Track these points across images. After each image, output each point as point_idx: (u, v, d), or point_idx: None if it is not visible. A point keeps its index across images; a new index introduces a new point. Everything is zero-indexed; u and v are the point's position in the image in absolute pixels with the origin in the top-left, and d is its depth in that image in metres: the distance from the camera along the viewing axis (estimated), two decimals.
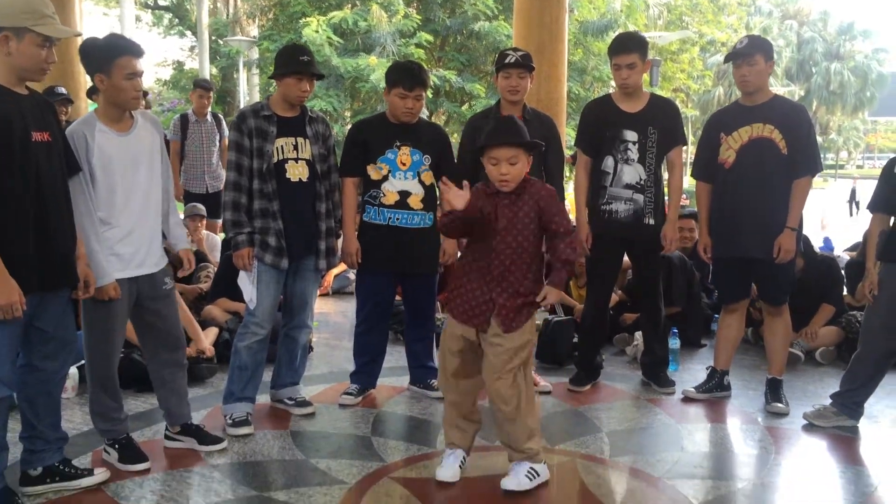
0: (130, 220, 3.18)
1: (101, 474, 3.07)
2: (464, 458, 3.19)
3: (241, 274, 3.74)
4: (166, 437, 3.51)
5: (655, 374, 4.47)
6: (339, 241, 4.15)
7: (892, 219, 3.72)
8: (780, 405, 4.07)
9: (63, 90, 6.23)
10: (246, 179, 3.66)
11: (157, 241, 3.32)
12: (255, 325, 3.73)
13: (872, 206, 3.83)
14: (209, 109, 7.06)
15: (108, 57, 3.04)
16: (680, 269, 5.37)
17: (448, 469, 3.14)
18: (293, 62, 3.67)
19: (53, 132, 2.83)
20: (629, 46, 4.11)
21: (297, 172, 3.73)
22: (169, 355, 3.42)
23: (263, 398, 4.04)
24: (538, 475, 3.06)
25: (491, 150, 2.99)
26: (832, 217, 17.53)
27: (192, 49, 23.12)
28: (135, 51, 3.09)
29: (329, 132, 3.92)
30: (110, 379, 3.24)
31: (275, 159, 3.67)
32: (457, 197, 2.91)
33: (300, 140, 3.75)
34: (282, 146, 3.70)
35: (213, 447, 3.45)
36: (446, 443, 3.21)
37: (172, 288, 3.44)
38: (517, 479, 3.04)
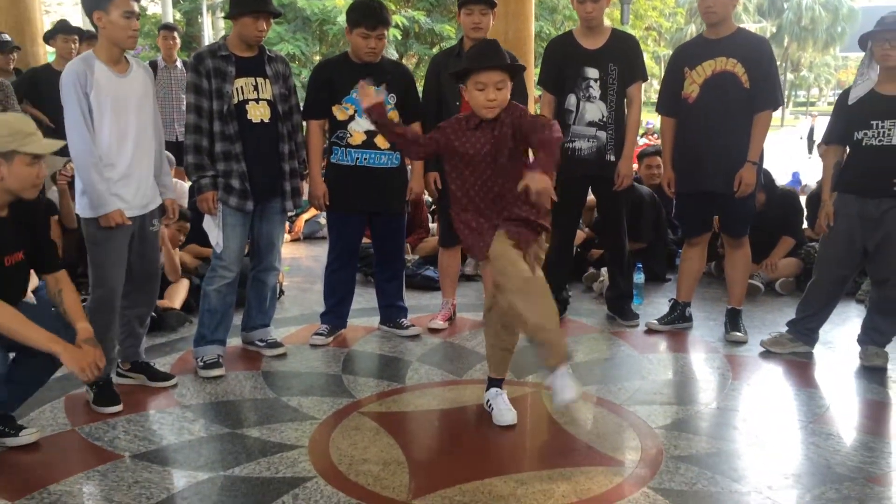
0: (126, 161, 3.28)
1: (27, 436, 2.96)
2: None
3: (207, 218, 3.75)
4: (117, 373, 3.59)
5: (620, 308, 4.58)
6: (305, 183, 4.16)
7: (846, 150, 3.79)
8: (738, 334, 4.20)
9: (7, 37, 6.10)
10: (206, 122, 3.64)
11: (151, 181, 3.42)
12: (223, 269, 3.75)
13: (826, 139, 3.90)
14: (177, 56, 6.95)
15: None
16: (650, 205, 5.44)
17: (510, 411, 3.14)
18: (249, 1, 3.60)
19: (27, 249, 2.92)
20: None
21: (258, 113, 3.70)
22: (140, 302, 3.51)
23: (235, 341, 4.09)
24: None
25: (478, 74, 2.85)
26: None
27: None
28: None
29: (289, 71, 3.88)
30: (112, 322, 3.35)
31: (235, 100, 3.64)
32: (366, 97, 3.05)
33: (260, 80, 3.71)
34: (241, 87, 3.66)
35: (163, 383, 3.56)
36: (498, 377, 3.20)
37: (157, 231, 3.51)
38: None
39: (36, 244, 2.97)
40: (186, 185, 6.57)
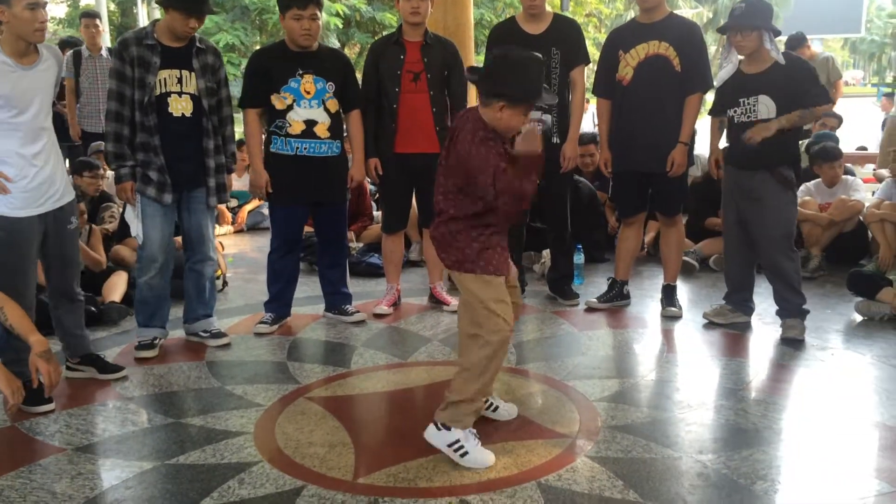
0: (32, 154, 3.15)
1: None
2: None
3: (127, 208, 3.72)
4: (67, 367, 3.54)
5: (560, 288, 4.69)
6: (234, 176, 4.13)
7: (725, 123, 4.04)
8: (674, 309, 4.35)
9: None
10: (128, 110, 3.58)
11: (60, 174, 3.29)
12: (147, 259, 3.74)
13: (711, 112, 4.17)
14: (102, 44, 6.78)
15: None
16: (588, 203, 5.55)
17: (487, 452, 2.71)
18: None
19: None
20: None
21: (179, 107, 3.66)
22: (63, 298, 3.43)
23: (179, 333, 4.07)
24: None
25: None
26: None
27: None
28: None
29: (220, 63, 3.84)
30: None
31: (157, 92, 3.59)
32: None
33: (185, 73, 3.66)
34: (165, 78, 3.61)
35: (113, 375, 3.52)
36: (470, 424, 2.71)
37: (76, 228, 3.43)
38: None
39: None
40: None
